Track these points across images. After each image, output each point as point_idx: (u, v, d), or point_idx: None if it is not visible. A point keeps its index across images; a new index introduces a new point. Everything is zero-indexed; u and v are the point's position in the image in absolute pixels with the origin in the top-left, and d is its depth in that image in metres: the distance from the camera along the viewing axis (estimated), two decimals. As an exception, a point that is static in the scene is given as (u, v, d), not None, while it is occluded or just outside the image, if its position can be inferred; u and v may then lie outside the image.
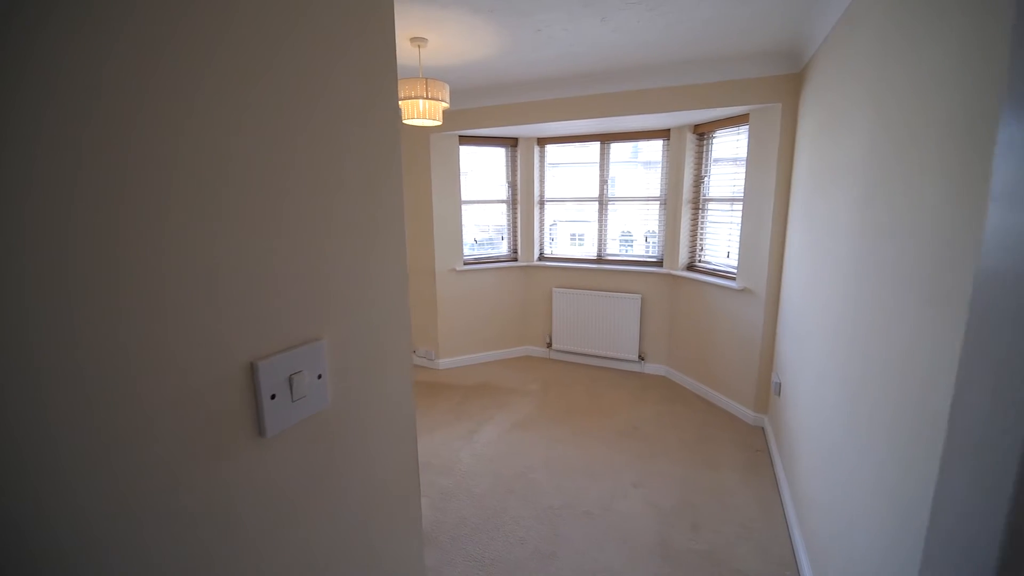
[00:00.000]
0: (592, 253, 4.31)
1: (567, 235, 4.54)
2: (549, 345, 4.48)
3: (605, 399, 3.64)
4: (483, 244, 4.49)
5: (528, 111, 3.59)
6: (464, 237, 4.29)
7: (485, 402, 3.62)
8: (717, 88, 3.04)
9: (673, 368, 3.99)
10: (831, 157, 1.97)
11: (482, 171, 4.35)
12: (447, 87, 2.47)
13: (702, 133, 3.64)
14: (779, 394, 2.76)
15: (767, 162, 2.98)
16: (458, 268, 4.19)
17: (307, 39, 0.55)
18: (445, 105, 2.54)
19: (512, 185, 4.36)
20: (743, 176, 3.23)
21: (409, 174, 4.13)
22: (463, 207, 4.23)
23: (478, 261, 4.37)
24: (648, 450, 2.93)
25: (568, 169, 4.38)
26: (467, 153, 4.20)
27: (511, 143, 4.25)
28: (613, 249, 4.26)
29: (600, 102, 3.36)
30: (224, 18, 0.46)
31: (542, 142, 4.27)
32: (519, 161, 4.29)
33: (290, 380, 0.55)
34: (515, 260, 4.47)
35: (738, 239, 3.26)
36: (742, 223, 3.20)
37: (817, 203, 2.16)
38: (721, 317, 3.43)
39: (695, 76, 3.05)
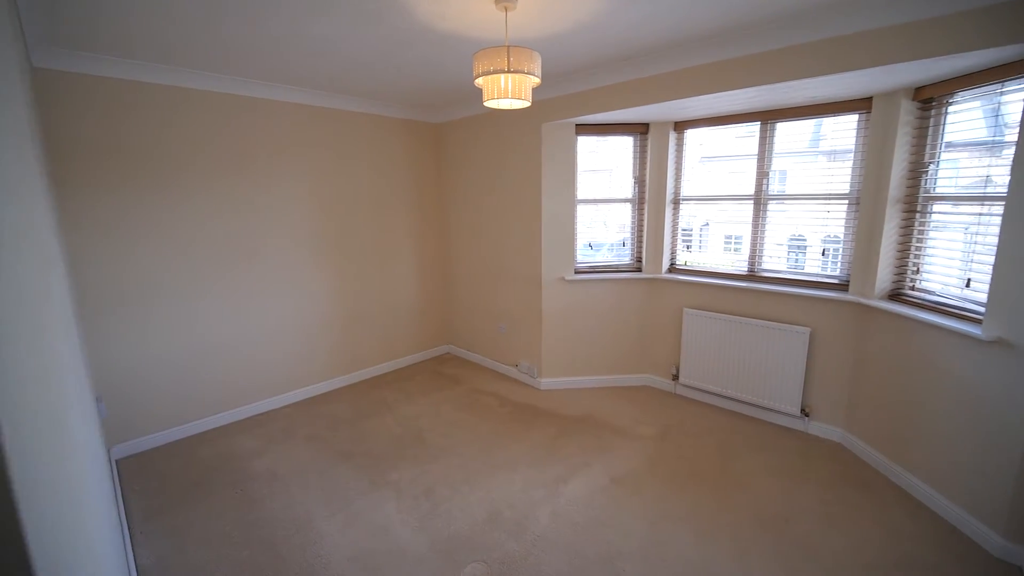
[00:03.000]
0: (742, 266, 3.34)
1: (721, 239, 3.60)
2: (675, 378, 3.64)
3: (745, 464, 2.73)
4: (601, 248, 3.85)
5: (661, 85, 2.84)
6: (578, 241, 3.71)
7: (584, 441, 3.01)
8: (967, 20, 1.92)
9: (854, 435, 2.84)
10: None
11: (603, 164, 3.70)
12: (537, 57, 1.94)
13: (929, 99, 2.45)
14: (1069, 532, 1.61)
15: (1066, 135, 1.78)
16: (568, 277, 3.64)
17: None
18: (535, 80, 2.01)
19: (639, 181, 3.62)
20: (1004, 161, 2.04)
21: (516, 169, 3.71)
22: (578, 207, 3.65)
23: (593, 270, 3.75)
24: (805, 563, 2.01)
25: (715, 163, 3.47)
26: (586, 144, 3.61)
27: (640, 130, 3.52)
28: (774, 263, 3.23)
29: (765, 63, 2.46)
30: None
31: (680, 127, 3.44)
32: (649, 151, 3.53)
33: None
34: (638, 271, 3.74)
35: (991, 261, 2.08)
36: (1002, 235, 2.01)
37: None
38: (947, 377, 2.26)
39: (927, 5, 1.98)
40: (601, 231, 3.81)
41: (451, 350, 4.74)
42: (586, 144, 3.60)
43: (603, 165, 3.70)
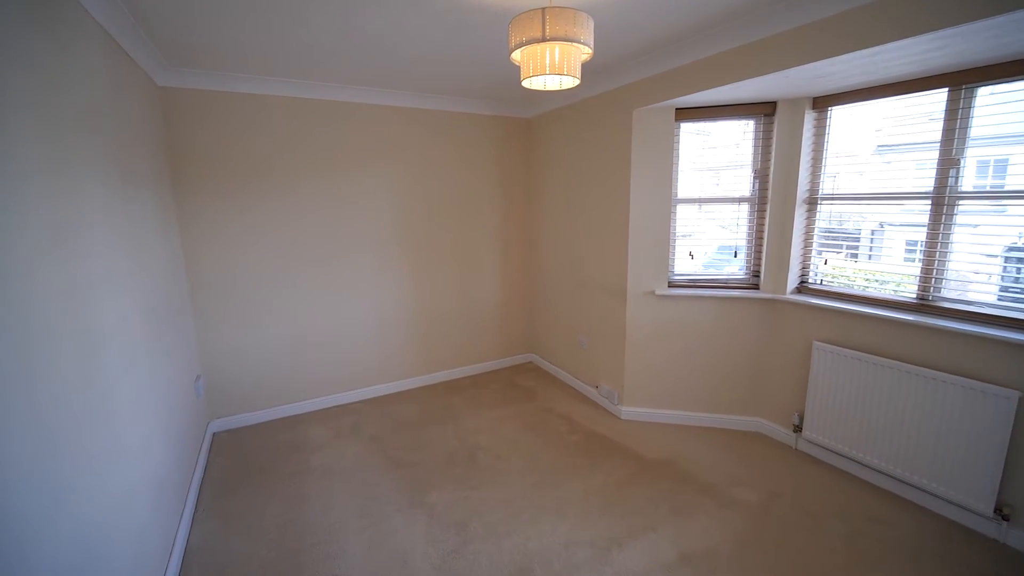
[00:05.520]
0: (909, 292, 2.42)
1: (901, 245, 2.63)
2: (797, 429, 2.82)
3: (887, 572, 1.93)
4: (714, 260, 3.17)
5: (787, 46, 2.14)
6: (676, 249, 3.11)
7: (658, 494, 2.47)
8: None
9: (1099, 567, 1.82)
10: None
11: (712, 155, 3.03)
12: (584, 19, 1.52)
13: None
14: None
15: None
16: (660, 291, 3.06)
17: None
18: (586, 52, 1.60)
19: (760, 175, 2.87)
20: None
21: (602, 164, 3.24)
22: (678, 207, 3.05)
23: (693, 284, 3.10)
24: None
25: (874, 147, 2.57)
26: (689, 132, 2.98)
27: (763, 110, 2.78)
28: (965, 289, 2.26)
29: None
30: None
31: (820, 103, 2.62)
32: (776, 137, 2.77)
33: None
34: (754, 287, 2.99)
35: None
36: None
37: None
38: None
39: None
40: (706, 237, 3.13)
41: (534, 360, 4.45)
42: (690, 132, 2.98)
43: (712, 157, 3.02)
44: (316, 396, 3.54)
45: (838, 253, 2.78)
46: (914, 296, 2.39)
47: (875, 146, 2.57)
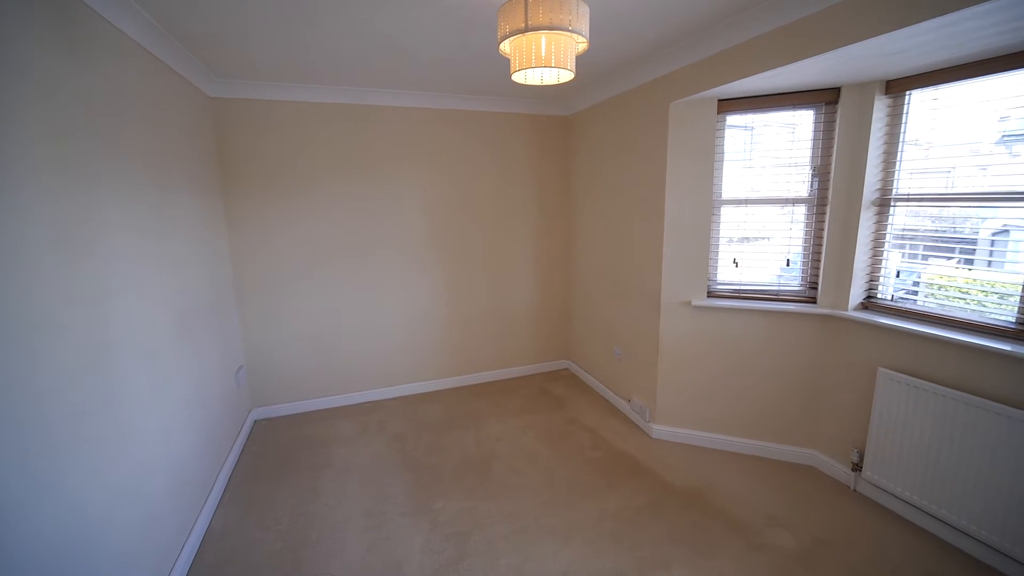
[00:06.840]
0: (1007, 315, 1.98)
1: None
2: (856, 468, 2.43)
3: (949, 660, 1.58)
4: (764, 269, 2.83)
5: (855, 16, 1.81)
6: (719, 255, 2.81)
7: (680, 526, 2.24)
8: None
9: None
10: None
11: (762, 151, 2.68)
12: (576, 5, 1.37)
13: None
14: None
15: None
16: (697, 302, 2.79)
17: None
18: (581, 43, 1.45)
19: (820, 173, 2.50)
20: None
21: (637, 162, 3.01)
22: (720, 210, 2.75)
23: (737, 294, 2.79)
24: None
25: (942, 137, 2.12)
26: (734, 126, 2.67)
27: (825, 98, 2.40)
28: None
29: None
30: None
31: (896, 87, 2.21)
32: (838, 130, 2.39)
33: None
34: (811, 301, 2.62)
35: None
36: None
37: None
38: None
39: None
40: (755, 243, 2.79)
41: (570, 367, 4.28)
42: (736, 125, 2.67)
43: (763, 153, 2.68)
44: (349, 391, 3.66)
45: (949, 259, 2.30)
46: (1012, 320, 1.94)
47: (971, 135, 2.12)
